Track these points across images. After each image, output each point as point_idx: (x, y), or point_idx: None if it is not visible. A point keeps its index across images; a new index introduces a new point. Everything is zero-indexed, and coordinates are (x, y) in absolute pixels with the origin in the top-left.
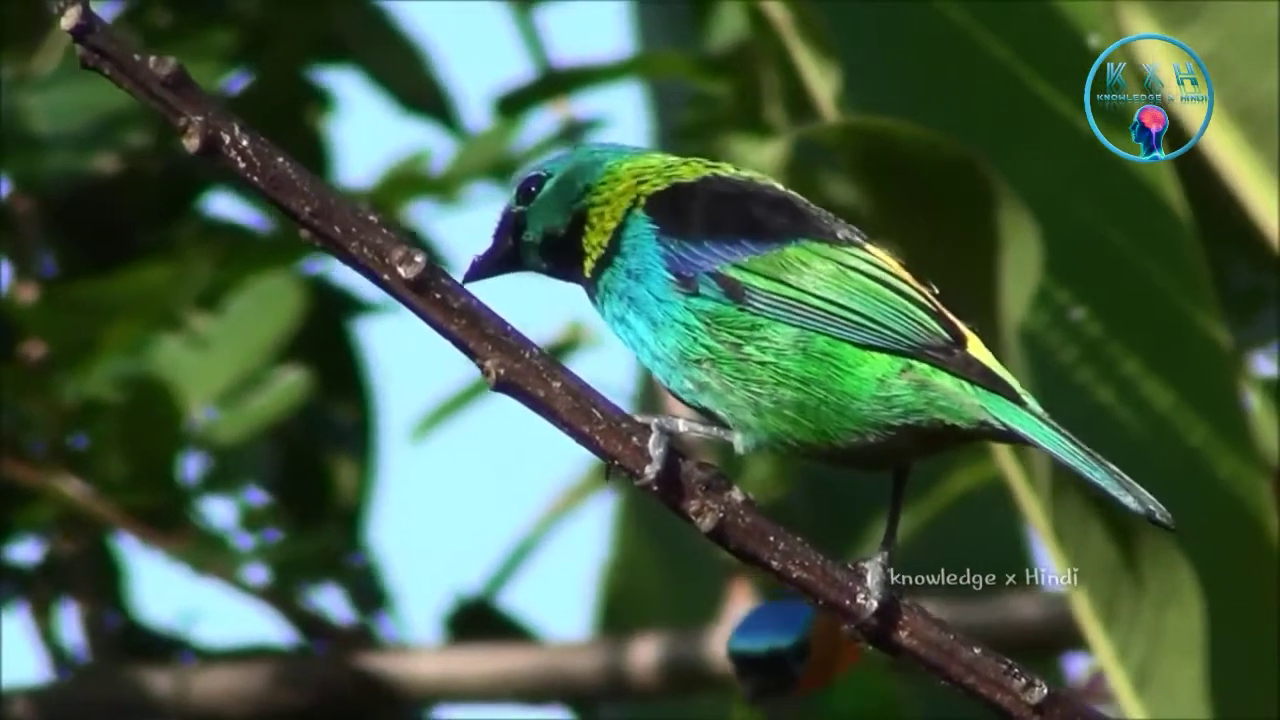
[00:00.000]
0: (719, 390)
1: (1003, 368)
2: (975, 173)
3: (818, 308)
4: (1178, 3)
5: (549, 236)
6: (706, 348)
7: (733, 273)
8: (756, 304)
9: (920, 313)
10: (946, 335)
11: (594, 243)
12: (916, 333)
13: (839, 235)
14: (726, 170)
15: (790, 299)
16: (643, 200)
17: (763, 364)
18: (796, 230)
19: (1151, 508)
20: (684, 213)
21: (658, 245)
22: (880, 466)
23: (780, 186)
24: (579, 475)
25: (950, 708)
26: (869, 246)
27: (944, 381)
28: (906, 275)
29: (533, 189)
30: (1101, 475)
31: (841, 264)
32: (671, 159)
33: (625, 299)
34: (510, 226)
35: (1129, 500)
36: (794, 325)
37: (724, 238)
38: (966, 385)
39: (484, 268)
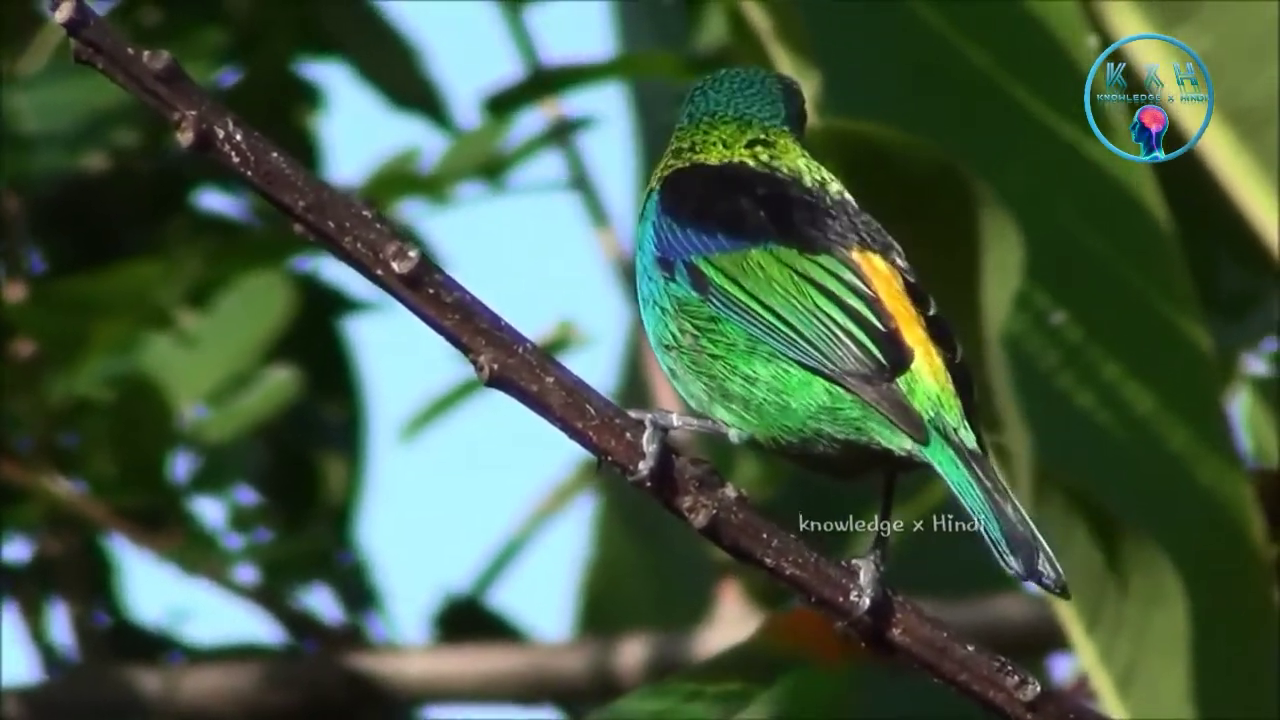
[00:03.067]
0: (682, 378)
1: (950, 399)
2: (956, 177)
3: (759, 315)
4: (1171, 3)
5: None
6: (673, 334)
7: (702, 265)
8: (715, 301)
9: (859, 334)
10: (879, 362)
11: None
12: (841, 358)
13: (819, 241)
14: (762, 157)
15: (740, 302)
16: (662, 179)
17: (714, 357)
18: (771, 231)
19: (1040, 569)
20: (683, 195)
21: (654, 222)
22: (852, 477)
23: (810, 181)
24: (568, 474)
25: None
26: (854, 254)
27: None
28: (874, 291)
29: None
30: (995, 530)
31: (797, 272)
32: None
33: (635, 271)
34: None
35: (1012, 562)
36: (742, 327)
37: (705, 227)
38: None
39: None
